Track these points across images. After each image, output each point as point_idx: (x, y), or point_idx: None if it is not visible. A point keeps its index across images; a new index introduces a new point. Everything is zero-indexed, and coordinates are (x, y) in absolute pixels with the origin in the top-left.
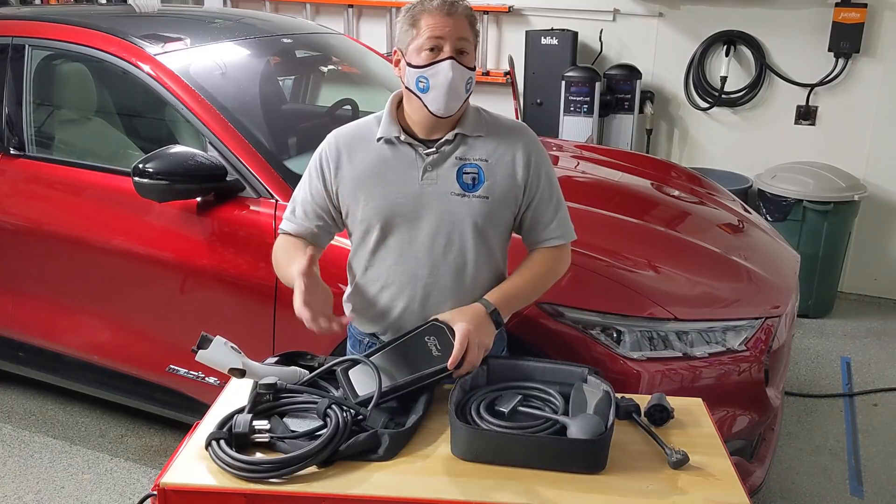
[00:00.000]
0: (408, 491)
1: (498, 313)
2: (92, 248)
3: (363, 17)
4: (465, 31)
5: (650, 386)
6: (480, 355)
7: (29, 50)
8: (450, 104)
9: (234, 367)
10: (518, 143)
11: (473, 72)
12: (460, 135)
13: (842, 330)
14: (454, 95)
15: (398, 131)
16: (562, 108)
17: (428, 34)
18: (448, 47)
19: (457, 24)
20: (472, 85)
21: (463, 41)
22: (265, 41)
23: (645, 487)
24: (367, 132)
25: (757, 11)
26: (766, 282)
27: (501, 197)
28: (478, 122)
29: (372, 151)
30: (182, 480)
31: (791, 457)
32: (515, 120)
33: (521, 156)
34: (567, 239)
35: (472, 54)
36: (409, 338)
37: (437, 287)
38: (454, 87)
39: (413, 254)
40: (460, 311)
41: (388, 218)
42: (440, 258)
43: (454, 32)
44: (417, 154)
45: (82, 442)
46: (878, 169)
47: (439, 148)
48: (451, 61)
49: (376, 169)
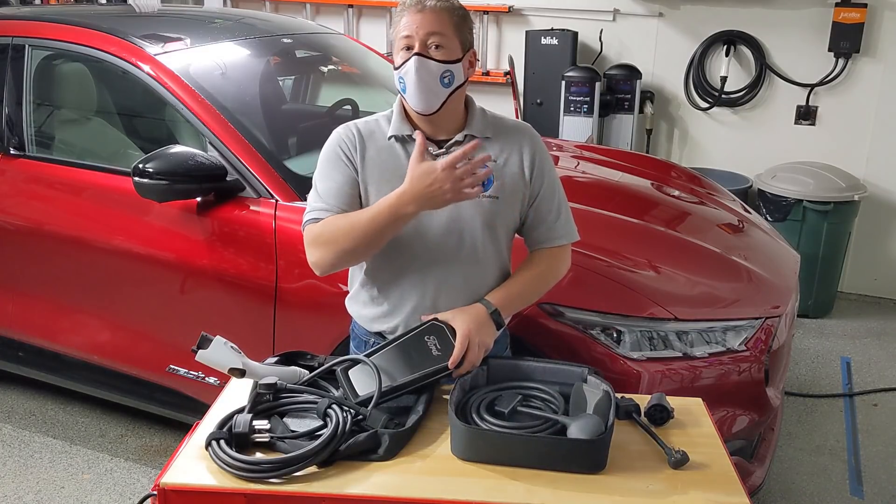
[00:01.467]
0: (408, 491)
1: (499, 314)
2: (92, 248)
3: (363, 17)
4: (439, 25)
5: (650, 386)
6: (481, 355)
7: (29, 50)
8: (425, 101)
9: (234, 366)
10: (524, 142)
11: (454, 64)
12: (469, 136)
13: (842, 330)
14: (427, 91)
15: (410, 129)
16: (562, 108)
17: (401, 34)
18: (416, 44)
19: (428, 18)
20: (455, 78)
21: (434, 35)
22: (265, 41)
23: (645, 487)
24: (378, 129)
25: (757, 11)
26: (766, 282)
27: (510, 196)
28: (484, 123)
29: (384, 149)
30: (182, 480)
31: (791, 457)
32: (518, 120)
33: (527, 155)
34: (570, 239)
35: (452, 48)
36: (409, 338)
37: (448, 285)
38: (424, 84)
39: (424, 252)
40: (461, 310)
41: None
42: (452, 257)
43: (423, 28)
44: (427, 153)
45: (82, 442)
46: (878, 169)
47: (449, 148)
48: (416, 58)
49: (389, 166)
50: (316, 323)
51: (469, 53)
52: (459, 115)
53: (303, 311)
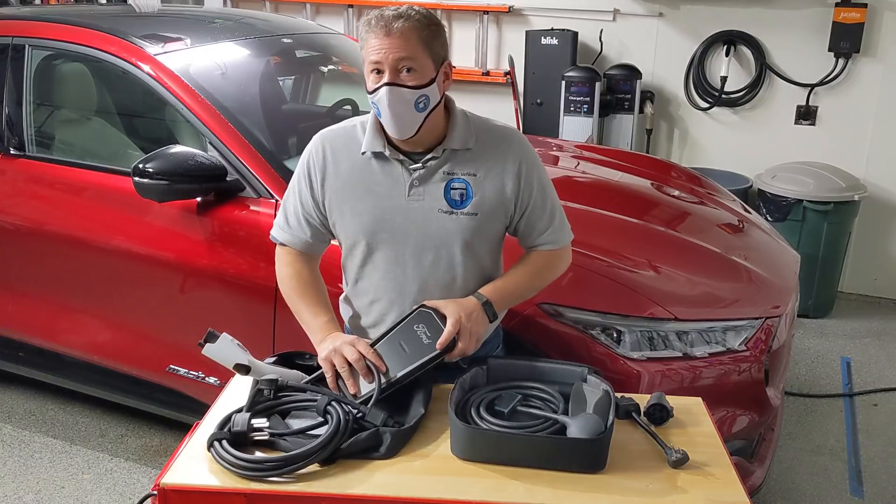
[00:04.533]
0: (408, 491)
1: (491, 305)
2: (92, 248)
3: (363, 17)
4: (408, 48)
5: (650, 386)
6: (472, 343)
7: (29, 50)
8: (401, 128)
9: (239, 362)
10: (507, 153)
11: (428, 87)
12: (448, 150)
13: (842, 330)
14: (402, 120)
15: (382, 146)
16: (562, 108)
17: (369, 58)
18: (387, 71)
19: (396, 43)
20: (430, 101)
21: (405, 60)
22: (265, 41)
23: (645, 487)
24: (353, 140)
25: (757, 11)
26: (766, 282)
27: (490, 212)
28: (466, 133)
29: (358, 163)
30: (182, 480)
31: (791, 457)
32: (505, 126)
33: (511, 167)
34: (562, 243)
35: (424, 69)
36: (399, 329)
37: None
38: (398, 113)
39: (401, 270)
40: (452, 300)
41: (373, 234)
42: (428, 274)
43: (392, 53)
44: (404, 168)
45: (82, 442)
46: (878, 169)
47: (426, 163)
48: (387, 87)
49: (362, 183)
50: None
51: (443, 67)
52: (439, 128)
53: None
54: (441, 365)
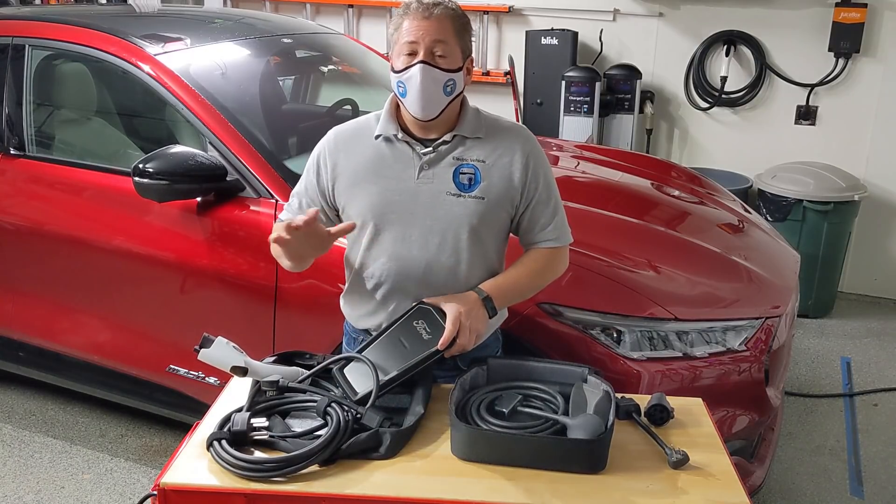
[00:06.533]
0: (408, 491)
1: (490, 300)
2: (92, 248)
3: (363, 17)
4: (444, 33)
5: (650, 386)
6: (472, 339)
7: (29, 50)
8: (426, 108)
9: (236, 365)
10: (516, 145)
11: (457, 73)
12: (458, 136)
13: (842, 330)
14: (429, 99)
15: (396, 129)
16: (562, 108)
17: (404, 39)
18: (422, 51)
19: (434, 26)
20: (456, 86)
21: (439, 44)
22: (265, 41)
23: (645, 487)
24: (367, 129)
25: (757, 11)
26: (766, 282)
27: (497, 198)
28: (477, 123)
29: (369, 148)
30: (182, 480)
31: (791, 457)
32: (514, 122)
33: (520, 158)
34: (563, 242)
35: (454, 56)
36: (398, 325)
37: (430, 286)
38: (427, 92)
39: (406, 251)
40: (451, 295)
41: (382, 214)
42: (434, 257)
43: (429, 35)
44: (414, 152)
45: (82, 442)
46: (878, 169)
47: (436, 147)
48: (421, 65)
49: (373, 165)
50: (316, 323)
51: (468, 61)
52: (453, 118)
53: (303, 311)
54: (440, 360)
